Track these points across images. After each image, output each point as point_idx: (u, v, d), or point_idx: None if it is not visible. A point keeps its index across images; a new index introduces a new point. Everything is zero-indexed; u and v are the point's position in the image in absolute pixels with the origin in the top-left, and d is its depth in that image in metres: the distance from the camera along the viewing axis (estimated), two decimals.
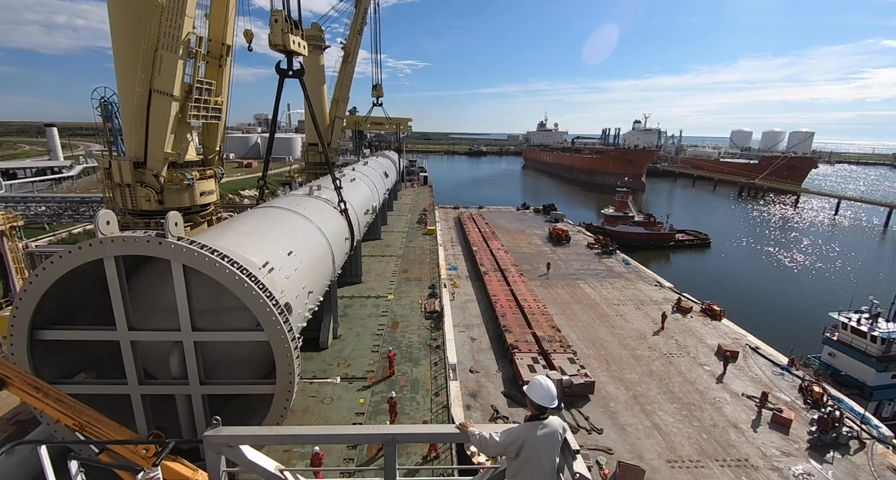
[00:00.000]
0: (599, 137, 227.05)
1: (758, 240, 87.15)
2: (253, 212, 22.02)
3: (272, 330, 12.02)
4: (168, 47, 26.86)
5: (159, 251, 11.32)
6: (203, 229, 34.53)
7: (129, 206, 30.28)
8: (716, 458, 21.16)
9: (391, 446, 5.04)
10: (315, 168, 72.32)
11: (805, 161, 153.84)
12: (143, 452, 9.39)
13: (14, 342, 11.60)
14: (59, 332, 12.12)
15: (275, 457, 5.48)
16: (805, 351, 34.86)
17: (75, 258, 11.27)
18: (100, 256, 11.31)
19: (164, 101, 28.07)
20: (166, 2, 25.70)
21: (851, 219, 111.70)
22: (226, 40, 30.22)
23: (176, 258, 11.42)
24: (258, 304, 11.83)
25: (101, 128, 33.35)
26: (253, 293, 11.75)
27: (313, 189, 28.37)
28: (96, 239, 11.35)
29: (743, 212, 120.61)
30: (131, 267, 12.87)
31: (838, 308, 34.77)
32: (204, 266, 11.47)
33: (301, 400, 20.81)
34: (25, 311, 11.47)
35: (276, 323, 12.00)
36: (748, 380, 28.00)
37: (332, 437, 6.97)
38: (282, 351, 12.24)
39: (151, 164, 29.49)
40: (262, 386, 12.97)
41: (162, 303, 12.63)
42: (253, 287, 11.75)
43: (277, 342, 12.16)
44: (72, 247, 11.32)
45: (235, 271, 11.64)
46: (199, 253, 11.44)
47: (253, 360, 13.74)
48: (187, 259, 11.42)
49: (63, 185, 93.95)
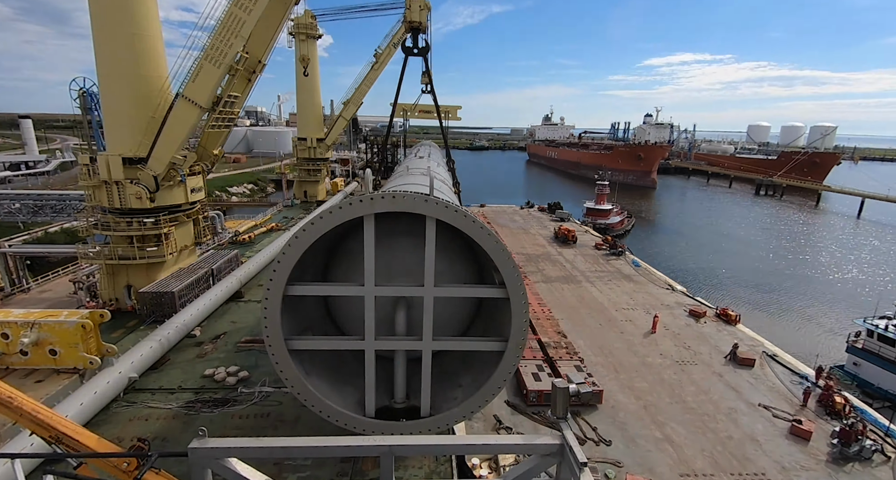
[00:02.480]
0: (608, 132, 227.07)
1: (775, 242, 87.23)
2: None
3: (514, 286, 13.02)
4: (213, 60, 27.61)
5: (424, 208, 12.31)
6: (189, 228, 34.68)
7: (115, 205, 30.35)
8: (731, 472, 21.14)
9: (388, 458, 5.05)
10: (307, 163, 72.56)
11: (827, 156, 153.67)
12: (125, 465, 9.39)
13: (270, 296, 12.49)
14: (308, 287, 13.19)
15: (265, 471, 5.48)
16: (827, 361, 34.87)
17: (339, 216, 12.24)
18: (361, 214, 12.27)
19: (189, 109, 28.72)
20: (224, 19, 26.85)
21: (876, 220, 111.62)
22: (263, 59, 30.99)
23: (436, 214, 12.43)
24: (506, 261, 12.87)
25: (80, 120, 33.33)
26: (502, 250, 12.80)
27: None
28: (358, 196, 12.28)
29: (760, 212, 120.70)
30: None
31: (862, 314, 34.77)
32: (463, 223, 12.52)
33: (292, 408, 20.80)
34: (286, 266, 12.33)
35: (519, 279, 13.04)
36: (765, 390, 27.99)
37: (325, 449, 6.96)
38: (520, 307, 13.21)
39: (153, 165, 29.66)
40: (493, 342, 13.91)
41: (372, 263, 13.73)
42: (503, 245, 12.83)
43: (517, 298, 13.13)
44: (332, 207, 12.28)
45: (490, 229, 12.71)
46: (459, 210, 12.54)
47: (454, 321, 15.05)
48: (448, 216, 12.43)
49: (39, 181, 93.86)
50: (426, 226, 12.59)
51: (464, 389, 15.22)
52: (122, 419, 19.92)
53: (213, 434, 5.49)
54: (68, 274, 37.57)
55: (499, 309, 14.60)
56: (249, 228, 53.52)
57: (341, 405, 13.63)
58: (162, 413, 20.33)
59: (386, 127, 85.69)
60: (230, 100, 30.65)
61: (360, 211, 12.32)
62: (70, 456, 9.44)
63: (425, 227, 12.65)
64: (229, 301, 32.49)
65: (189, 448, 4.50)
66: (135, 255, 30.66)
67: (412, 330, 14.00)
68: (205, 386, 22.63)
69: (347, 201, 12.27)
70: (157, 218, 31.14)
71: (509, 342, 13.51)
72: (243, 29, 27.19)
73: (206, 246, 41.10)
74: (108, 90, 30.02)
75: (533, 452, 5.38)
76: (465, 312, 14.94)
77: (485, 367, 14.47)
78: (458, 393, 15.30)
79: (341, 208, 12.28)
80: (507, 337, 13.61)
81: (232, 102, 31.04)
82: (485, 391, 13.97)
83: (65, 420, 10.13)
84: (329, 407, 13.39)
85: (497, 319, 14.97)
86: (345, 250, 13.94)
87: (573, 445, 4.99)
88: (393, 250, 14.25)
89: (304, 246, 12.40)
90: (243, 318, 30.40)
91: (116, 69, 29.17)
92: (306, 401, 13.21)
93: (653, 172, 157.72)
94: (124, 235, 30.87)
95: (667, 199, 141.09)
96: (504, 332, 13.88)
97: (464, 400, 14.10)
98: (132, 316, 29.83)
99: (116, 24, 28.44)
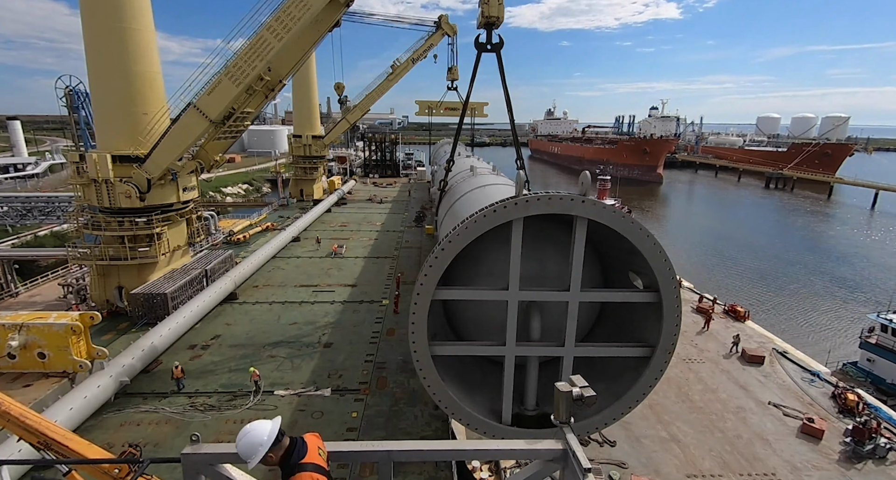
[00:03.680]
0: (613, 125, 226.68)
1: (785, 235, 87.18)
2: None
3: (669, 290, 12.93)
4: (233, 78, 27.68)
5: (579, 209, 12.22)
6: (182, 228, 34.71)
7: (104, 204, 30.36)
8: (740, 472, 21.16)
9: (386, 464, 5.03)
10: (303, 161, 72.57)
11: (839, 148, 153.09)
12: (116, 472, 9.41)
13: (420, 300, 12.58)
14: (455, 292, 13.29)
15: (260, 477, 5.47)
16: (839, 357, 34.89)
17: (492, 220, 12.23)
18: (513, 217, 12.22)
19: (198, 120, 28.80)
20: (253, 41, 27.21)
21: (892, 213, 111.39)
22: (285, 79, 31.30)
23: (589, 215, 12.33)
24: (663, 264, 12.76)
25: (67, 120, 33.36)
26: (660, 252, 12.70)
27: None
28: (512, 199, 12.12)
29: (769, 206, 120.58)
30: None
31: (875, 309, 34.77)
32: (621, 224, 12.43)
33: (288, 413, 20.86)
34: (437, 270, 12.38)
35: (674, 282, 12.94)
36: (776, 387, 28.01)
37: None
38: (672, 312, 13.11)
39: (150, 167, 29.72)
40: (638, 348, 13.84)
41: (494, 267, 13.96)
42: (660, 246, 12.76)
43: (671, 302, 13.03)
44: (486, 211, 12.24)
45: (646, 229, 12.60)
46: (615, 210, 12.41)
47: (580, 326, 14.88)
48: (605, 216, 12.35)
49: (28, 184, 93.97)
50: (575, 227, 12.49)
51: (598, 396, 14.94)
52: (113, 424, 19.94)
53: (207, 439, 5.49)
54: (58, 277, 37.64)
55: (632, 312, 14.58)
56: (244, 228, 53.55)
57: (475, 412, 13.75)
58: (154, 418, 20.36)
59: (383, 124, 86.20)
60: (242, 115, 30.70)
61: (513, 214, 12.27)
62: (59, 463, 9.46)
63: (574, 229, 12.56)
64: (223, 302, 32.54)
65: (182, 453, 4.48)
66: (126, 256, 30.65)
67: (544, 334, 14.04)
68: (198, 389, 22.68)
69: (501, 204, 12.24)
70: (150, 217, 31.15)
71: (657, 348, 13.40)
72: (270, 54, 27.31)
73: (199, 246, 41.12)
74: (98, 86, 30.02)
75: (535, 457, 5.35)
76: (588, 316, 14.89)
77: (619, 374, 14.45)
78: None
79: (495, 212, 12.22)
80: (650, 342, 13.63)
81: (244, 117, 31.10)
82: (628, 398, 13.94)
83: (54, 425, 10.14)
84: (469, 415, 13.39)
85: (629, 323, 14.98)
86: (468, 252, 13.92)
87: (577, 450, 4.96)
88: (528, 253, 14.16)
89: (457, 250, 12.52)
90: (238, 320, 30.46)
91: (107, 64, 29.17)
92: (447, 409, 13.26)
93: (659, 167, 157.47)
94: (115, 235, 30.88)
95: (673, 195, 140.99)
96: (642, 337, 13.96)
97: (604, 408, 14.09)
98: (124, 318, 29.91)
99: (107, 17, 28.43)
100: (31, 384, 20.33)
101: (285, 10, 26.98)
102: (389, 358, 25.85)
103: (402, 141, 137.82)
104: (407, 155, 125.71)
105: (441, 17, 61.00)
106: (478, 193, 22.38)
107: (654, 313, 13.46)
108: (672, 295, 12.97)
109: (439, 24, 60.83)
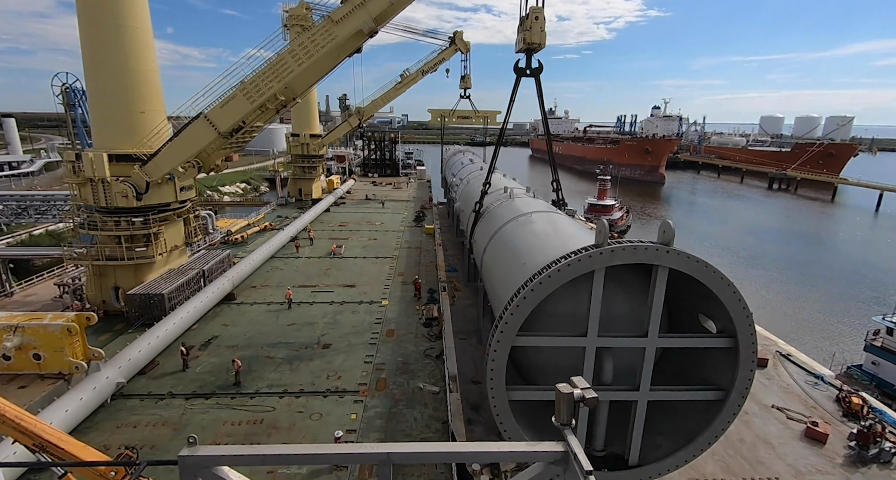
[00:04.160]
0: (614, 125, 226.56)
1: (789, 237, 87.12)
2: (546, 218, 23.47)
3: (746, 337, 13.23)
4: (248, 95, 27.97)
5: (663, 259, 12.43)
6: (179, 228, 34.70)
7: (101, 203, 30.37)
8: (743, 476, 21.12)
9: (385, 467, 5.02)
10: (301, 160, 72.53)
11: (843, 148, 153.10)
12: (112, 474, 9.40)
13: (500, 347, 12.89)
14: (534, 339, 13.46)
15: (258, 479, 5.48)
16: (844, 360, 34.85)
17: (576, 269, 12.41)
18: (596, 267, 12.40)
19: (206, 130, 29.08)
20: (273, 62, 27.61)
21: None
22: (299, 98, 31.83)
23: (671, 264, 12.55)
24: (742, 311, 13.02)
25: (64, 117, 33.33)
26: (739, 300, 12.97)
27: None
28: (598, 249, 12.31)
29: (772, 207, 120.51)
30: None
31: (882, 311, 34.72)
32: (703, 273, 12.68)
33: (287, 415, 20.84)
34: (519, 317, 12.63)
35: (752, 329, 13.19)
36: (779, 390, 27.96)
37: (321, 457, 6.93)
38: (748, 357, 13.35)
39: (151, 170, 29.79)
40: (711, 392, 14.09)
41: (558, 307, 14.16)
42: (740, 294, 13.01)
43: (748, 349, 13.30)
44: (571, 261, 12.38)
45: (727, 277, 12.86)
46: (699, 260, 12.66)
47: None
48: (688, 266, 12.59)
49: (23, 182, 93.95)
50: (656, 275, 12.79)
51: (665, 436, 15.36)
52: (110, 426, 19.94)
53: (205, 441, 5.47)
54: (53, 277, 37.61)
55: (700, 353, 14.72)
56: (242, 228, 53.51)
57: None
58: (151, 420, 20.35)
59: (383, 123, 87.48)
60: (251, 129, 31.00)
61: (596, 264, 12.47)
62: (55, 465, 9.45)
63: (654, 277, 12.84)
64: (221, 303, 32.53)
65: (179, 456, 4.47)
66: (123, 256, 30.64)
67: (616, 377, 14.26)
68: (195, 391, 22.66)
69: (586, 254, 12.49)
70: (146, 217, 31.13)
71: (732, 392, 13.65)
72: (289, 77, 27.80)
73: (197, 246, 41.10)
74: (95, 84, 30.01)
75: (536, 460, 5.33)
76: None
77: (689, 415, 14.66)
78: (660, 441, 15.50)
79: (580, 261, 12.45)
80: (721, 384, 13.85)
81: (251, 130, 31.38)
82: (701, 440, 14.27)
83: (49, 427, 10.15)
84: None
85: (694, 364, 15.18)
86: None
87: (578, 452, 4.95)
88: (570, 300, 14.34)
89: (540, 297, 12.64)
90: (235, 321, 30.44)
91: (104, 62, 29.18)
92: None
93: (661, 167, 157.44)
94: (112, 235, 30.86)
95: (675, 195, 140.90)
96: (710, 378, 14.22)
97: (677, 450, 14.46)
98: (120, 319, 29.88)
99: (104, 14, 28.42)
100: (27, 385, 20.33)
101: (311, 37, 27.41)
102: (389, 360, 25.86)
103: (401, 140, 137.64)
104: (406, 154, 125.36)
105: (456, 34, 62.82)
106: (529, 227, 22.05)
107: (724, 355, 13.60)
108: (749, 341, 13.18)
109: (453, 39, 62.53)
